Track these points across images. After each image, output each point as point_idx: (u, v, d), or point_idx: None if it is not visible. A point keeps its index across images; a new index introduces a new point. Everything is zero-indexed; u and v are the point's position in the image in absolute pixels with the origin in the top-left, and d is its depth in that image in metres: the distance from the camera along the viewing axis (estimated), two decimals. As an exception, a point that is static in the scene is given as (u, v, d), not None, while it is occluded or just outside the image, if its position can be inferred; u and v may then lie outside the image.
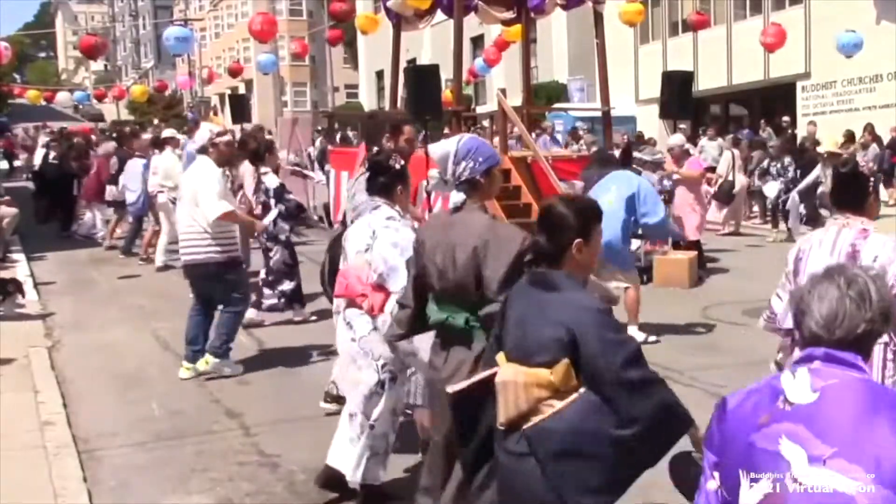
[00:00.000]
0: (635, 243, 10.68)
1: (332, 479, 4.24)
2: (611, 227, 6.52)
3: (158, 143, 11.42)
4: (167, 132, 12.45)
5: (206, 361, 6.42)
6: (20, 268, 11.23)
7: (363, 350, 4.12)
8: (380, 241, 4.02)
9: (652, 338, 7.26)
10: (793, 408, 1.85)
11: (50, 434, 5.20)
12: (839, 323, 1.89)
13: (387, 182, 4.15)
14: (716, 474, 1.97)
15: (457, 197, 3.33)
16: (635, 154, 11.79)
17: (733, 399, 2.00)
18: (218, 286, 6.46)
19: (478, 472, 2.89)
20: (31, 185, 19.40)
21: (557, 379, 2.53)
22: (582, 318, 2.53)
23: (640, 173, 8.71)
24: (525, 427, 2.58)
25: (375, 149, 5.21)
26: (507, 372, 2.64)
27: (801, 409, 1.84)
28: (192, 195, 6.35)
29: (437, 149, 3.42)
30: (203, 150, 6.57)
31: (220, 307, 6.53)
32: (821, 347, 1.90)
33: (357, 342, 4.14)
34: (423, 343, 3.58)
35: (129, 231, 12.70)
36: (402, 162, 4.30)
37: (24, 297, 8.81)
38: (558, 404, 2.55)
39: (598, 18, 13.20)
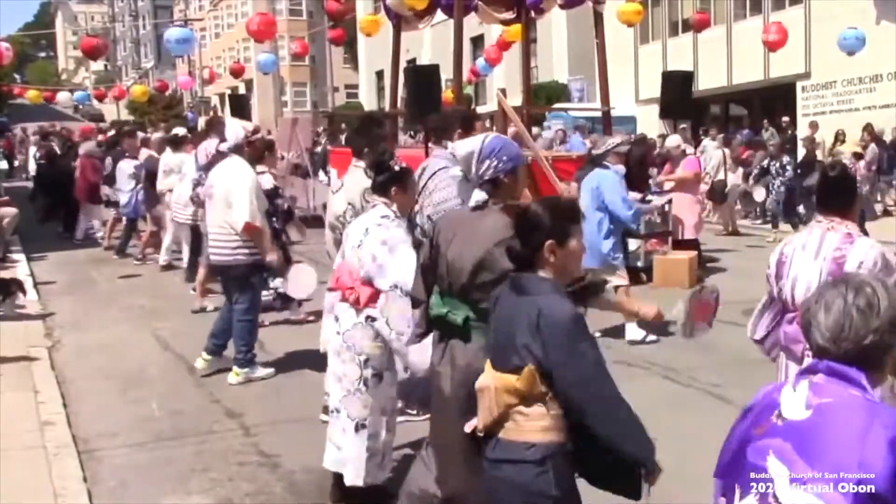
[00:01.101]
0: (634, 243, 10.71)
1: (340, 489, 4.21)
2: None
3: (177, 142, 11.22)
4: (179, 130, 12.31)
5: (237, 374, 6.38)
6: (20, 268, 11.23)
7: (346, 344, 4.13)
8: (369, 238, 4.07)
9: (651, 337, 7.26)
10: (784, 423, 1.80)
11: (50, 434, 5.21)
12: (845, 335, 1.78)
13: (383, 182, 4.19)
14: (721, 500, 1.92)
15: (479, 196, 3.30)
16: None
17: (742, 415, 1.95)
18: (246, 287, 6.39)
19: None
20: (29, 185, 19.42)
21: (523, 385, 2.50)
22: (548, 323, 2.46)
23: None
24: (500, 434, 2.56)
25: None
26: (485, 377, 2.63)
27: (792, 425, 1.79)
28: (226, 195, 6.23)
29: (461, 147, 3.41)
30: (237, 149, 6.43)
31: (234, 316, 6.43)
32: (825, 360, 1.81)
33: (341, 336, 4.15)
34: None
35: (123, 232, 12.72)
36: (404, 164, 4.33)
37: (25, 295, 8.82)
38: (526, 411, 2.52)
39: (598, 18, 13.19)
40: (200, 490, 4.53)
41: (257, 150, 6.33)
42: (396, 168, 4.22)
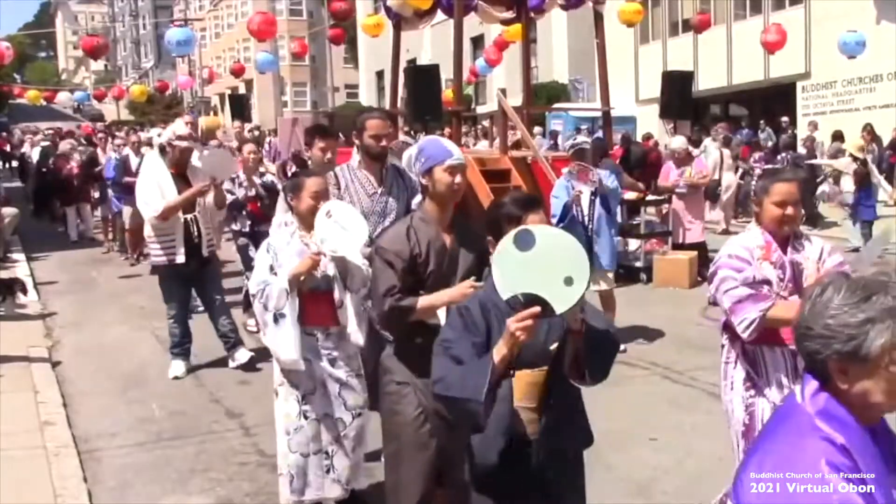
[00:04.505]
0: (634, 243, 10.71)
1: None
2: None
3: (147, 144, 11.40)
4: (150, 132, 12.50)
5: None
6: (20, 268, 11.23)
7: None
8: None
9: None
10: None
11: (50, 434, 5.21)
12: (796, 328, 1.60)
13: (282, 190, 4.38)
14: None
15: (418, 198, 3.30)
16: None
17: None
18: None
19: None
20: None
21: None
22: None
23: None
24: None
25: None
26: None
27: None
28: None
29: (405, 155, 3.37)
30: (162, 149, 6.52)
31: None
32: None
33: None
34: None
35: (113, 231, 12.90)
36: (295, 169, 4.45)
37: (25, 294, 8.81)
38: None
39: (598, 18, 13.19)
40: (200, 490, 4.53)
41: (173, 157, 6.38)
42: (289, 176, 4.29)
